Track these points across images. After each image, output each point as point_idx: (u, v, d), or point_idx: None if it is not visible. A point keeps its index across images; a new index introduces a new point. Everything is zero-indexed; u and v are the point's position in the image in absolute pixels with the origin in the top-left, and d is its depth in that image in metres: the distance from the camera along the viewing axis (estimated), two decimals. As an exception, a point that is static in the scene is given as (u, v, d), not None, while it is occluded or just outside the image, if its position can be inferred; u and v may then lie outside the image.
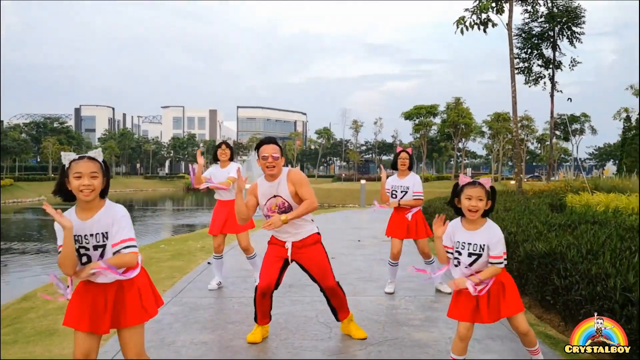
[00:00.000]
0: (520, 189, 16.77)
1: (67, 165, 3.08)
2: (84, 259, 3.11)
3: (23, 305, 6.96)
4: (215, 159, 7.10)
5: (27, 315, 6.23)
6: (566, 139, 67.91)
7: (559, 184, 18.34)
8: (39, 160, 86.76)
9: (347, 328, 5.02)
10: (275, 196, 4.63)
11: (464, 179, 3.80)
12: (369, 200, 30.46)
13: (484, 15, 15.67)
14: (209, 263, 8.73)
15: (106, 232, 3.10)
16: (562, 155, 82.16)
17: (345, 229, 14.54)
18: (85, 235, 3.09)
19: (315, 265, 4.75)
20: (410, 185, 6.72)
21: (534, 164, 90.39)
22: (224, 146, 7.08)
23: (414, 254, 9.47)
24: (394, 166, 6.90)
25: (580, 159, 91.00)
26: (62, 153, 3.14)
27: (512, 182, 21.23)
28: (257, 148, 4.63)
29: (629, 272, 4.56)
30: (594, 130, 75.95)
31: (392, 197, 6.84)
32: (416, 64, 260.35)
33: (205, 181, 6.95)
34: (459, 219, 3.85)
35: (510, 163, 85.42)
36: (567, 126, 58.26)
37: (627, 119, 46.42)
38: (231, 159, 7.11)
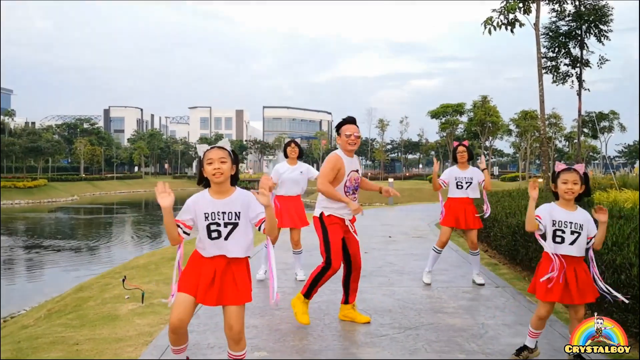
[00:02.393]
0: (548, 187, 16.93)
1: (201, 156, 3.53)
2: (214, 235, 3.50)
3: (80, 295, 7.49)
4: (285, 156, 7.58)
5: (87, 303, 6.74)
6: (594, 137, 67.19)
7: (587, 181, 18.40)
8: (70, 160, 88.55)
9: (352, 313, 5.43)
10: (353, 170, 5.23)
11: (560, 166, 4.22)
12: (397, 199, 30.77)
13: (511, 16, 15.89)
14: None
15: (239, 212, 3.52)
16: (591, 153, 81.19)
17: (376, 226, 14.90)
18: (218, 212, 3.51)
19: (356, 243, 5.37)
20: (474, 176, 7.20)
21: (562, 162, 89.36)
22: (293, 144, 7.56)
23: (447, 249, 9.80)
24: (454, 159, 7.33)
25: (609, 156, 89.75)
26: (197, 146, 3.65)
27: (540, 180, 21.32)
28: (340, 126, 5.28)
29: (651, 262, 4.86)
30: (623, 128, 74.89)
31: (457, 188, 7.22)
32: (442, 62, 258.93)
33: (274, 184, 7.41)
34: (553, 202, 4.23)
35: (537, 161, 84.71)
36: (595, 124, 57.70)
37: (657, 116, 45.82)
38: (300, 157, 7.58)
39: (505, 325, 5.27)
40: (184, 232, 3.53)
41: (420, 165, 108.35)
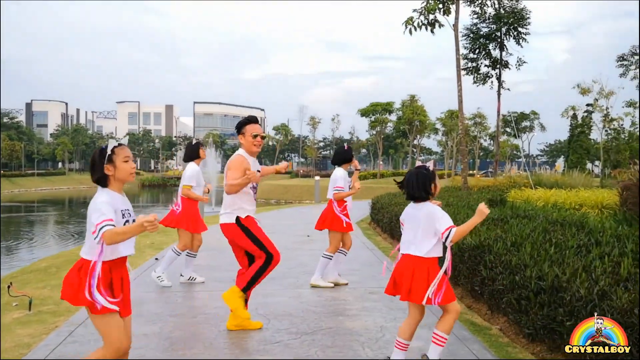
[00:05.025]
0: (465, 185, 17.27)
1: (109, 152, 3.27)
2: None
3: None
4: (196, 156, 7.25)
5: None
6: (515, 136, 69.65)
7: (504, 180, 18.96)
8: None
9: (244, 322, 5.14)
10: (257, 170, 5.15)
11: (432, 166, 4.09)
12: (323, 196, 30.84)
13: (431, 16, 16.07)
14: (156, 259, 8.83)
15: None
16: (514, 152, 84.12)
17: (298, 225, 14.77)
18: (128, 209, 3.37)
19: None
20: None
21: (487, 160, 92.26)
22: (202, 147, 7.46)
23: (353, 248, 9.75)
24: (349, 160, 7.21)
25: (532, 155, 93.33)
26: (110, 140, 3.40)
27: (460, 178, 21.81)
28: (244, 125, 5.13)
29: (544, 262, 4.90)
30: (543, 128, 78.10)
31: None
32: (375, 61, 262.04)
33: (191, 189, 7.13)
34: (428, 202, 4.03)
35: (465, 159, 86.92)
36: (514, 124, 59.77)
37: (574, 116, 47.98)
38: None
39: (404, 328, 5.19)
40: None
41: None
